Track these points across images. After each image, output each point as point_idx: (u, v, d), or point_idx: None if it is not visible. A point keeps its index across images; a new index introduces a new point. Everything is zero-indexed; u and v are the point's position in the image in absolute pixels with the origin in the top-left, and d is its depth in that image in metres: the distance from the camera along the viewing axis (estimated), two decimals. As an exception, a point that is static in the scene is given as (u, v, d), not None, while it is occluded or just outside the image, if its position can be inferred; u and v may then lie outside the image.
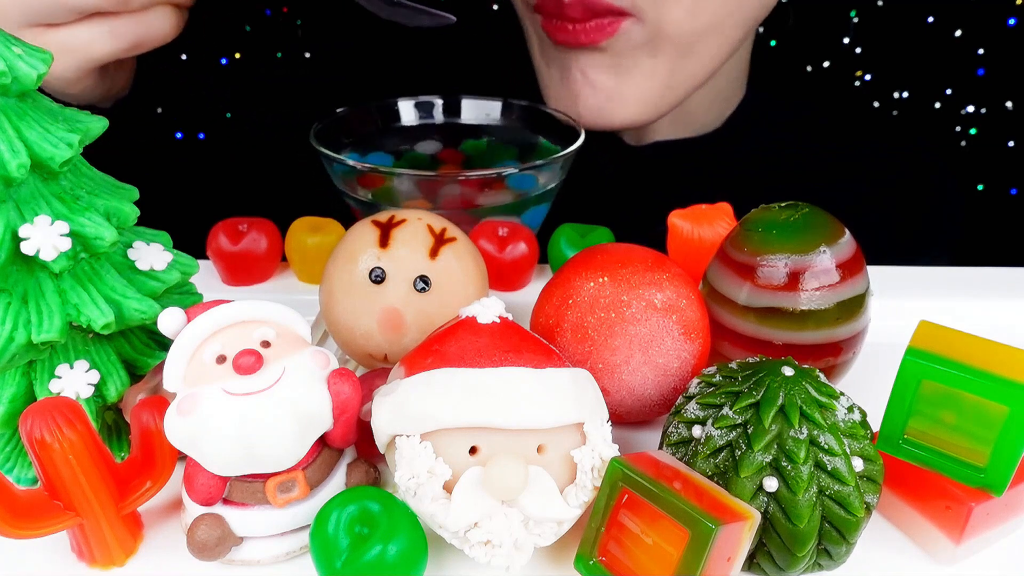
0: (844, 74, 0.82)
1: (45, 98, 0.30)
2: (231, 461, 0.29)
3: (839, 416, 0.29)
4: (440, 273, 0.35)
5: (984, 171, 0.83)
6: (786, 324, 0.35)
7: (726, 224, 0.43)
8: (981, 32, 0.79)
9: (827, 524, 0.28)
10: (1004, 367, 0.29)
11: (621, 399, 0.35)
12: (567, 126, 0.55)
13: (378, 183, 0.50)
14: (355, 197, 0.51)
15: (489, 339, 0.30)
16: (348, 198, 0.52)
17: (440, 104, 0.60)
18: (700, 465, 0.29)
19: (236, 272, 0.47)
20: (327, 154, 0.49)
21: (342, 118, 0.56)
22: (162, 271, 0.33)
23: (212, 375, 0.29)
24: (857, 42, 0.81)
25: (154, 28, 0.46)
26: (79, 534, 0.30)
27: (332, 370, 0.30)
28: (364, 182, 0.51)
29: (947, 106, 0.82)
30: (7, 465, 0.34)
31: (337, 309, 0.35)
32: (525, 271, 0.48)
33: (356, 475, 0.32)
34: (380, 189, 0.50)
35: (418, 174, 0.49)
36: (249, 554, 0.31)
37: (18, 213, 0.29)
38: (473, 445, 0.28)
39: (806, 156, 0.67)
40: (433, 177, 0.49)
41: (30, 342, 0.30)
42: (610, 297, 0.34)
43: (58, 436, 0.27)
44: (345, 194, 0.52)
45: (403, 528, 0.28)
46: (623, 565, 0.28)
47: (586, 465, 0.29)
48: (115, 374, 0.33)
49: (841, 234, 0.36)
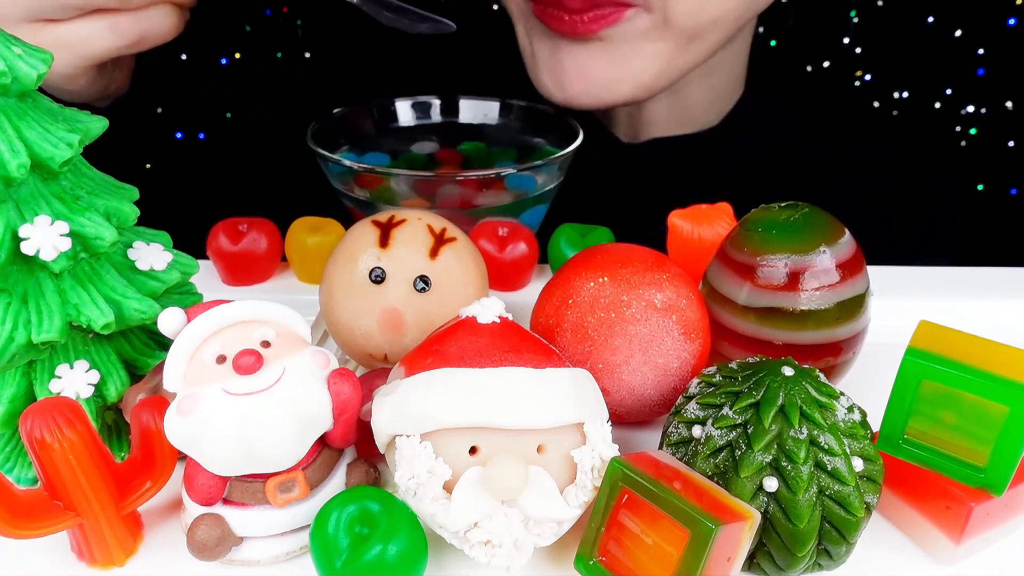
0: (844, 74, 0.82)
1: (45, 98, 0.30)
2: (231, 461, 0.29)
3: (839, 416, 0.29)
4: (440, 273, 0.35)
5: (984, 171, 0.83)
6: (786, 324, 0.35)
7: (726, 224, 0.43)
8: (981, 32, 0.79)
9: (827, 524, 0.28)
10: (1004, 367, 0.29)
11: (621, 399, 0.35)
12: (566, 126, 0.55)
13: (375, 184, 0.50)
14: (353, 197, 0.51)
15: (489, 339, 0.30)
16: (345, 198, 0.52)
17: (438, 104, 0.60)
18: (700, 465, 0.29)
19: (236, 272, 0.47)
20: (324, 155, 0.49)
21: (339, 118, 0.56)
22: (162, 271, 0.33)
23: (212, 375, 0.29)
24: (857, 42, 0.81)
25: (155, 26, 0.46)
26: (79, 534, 0.30)
27: (332, 370, 0.30)
28: (361, 182, 0.51)
29: (947, 106, 0.82)
30: (7, 465, 0.34)
31: (337, 309, 0.35)
32: (525, 271, 0.48)
33: (356, 475, 0.32)
34: (377, 189, 0.50)
35: (414, 174, 0.49)
36: (249, 554, 0.31)
37: (18, 213, 0.29)
38: (473, 445, 0.28)
39: (806, 156, 0.67)
40: (429, 177, 0.49)
41: (30, 342, 0.30)
42: (610, 297, 0.34)
43: (58, 436, 0.27)
44: (343, 194, 0.52)
45: (403, 528, 0.28)
46: (623, 565, 0.28)
47: (586, 465, 0.29)
48: (115, 374, 0.33)
49: (841, 234, 0.36)
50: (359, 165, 0.49)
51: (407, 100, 0.59)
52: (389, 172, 0.49)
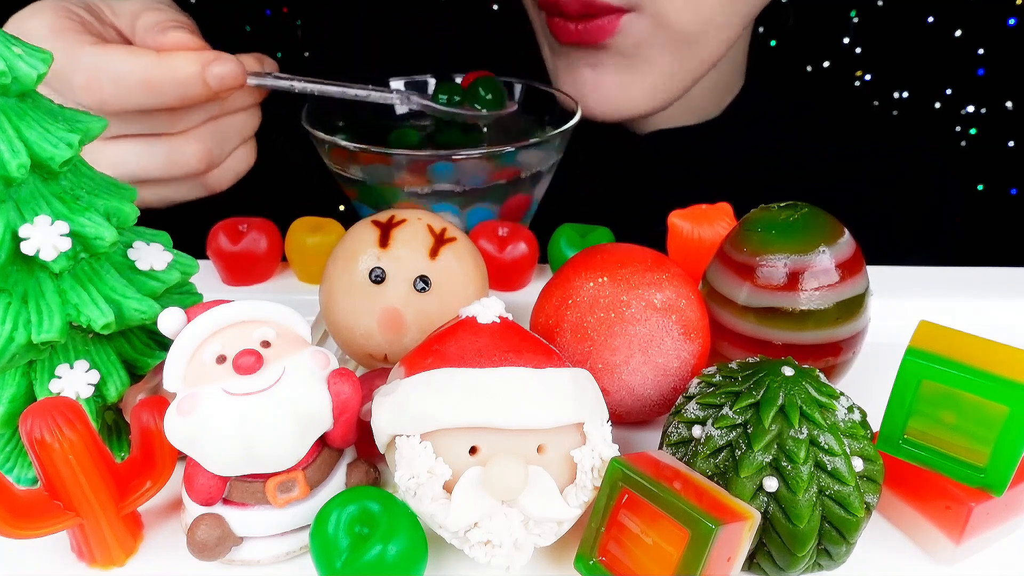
0: (844, 74, 0.82)
1: (45, 98, 0.30)
2: (231, 461, 0.29)
3: (839, 416, 0.29)
4: (440, 273, 0.35)
5: (984, 171, 0.83)
6: (786, 324, 0.35)
7: (726, 224, 0.43)
8: (981, 32, 0.79)
9: (827, 524, 0.28)
10: (1004, 367, 0.29)
11: (621, 399, 0.35)
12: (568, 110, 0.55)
13: (369, 161, 0.50)
14: (347, 176, 0.51)
15: (489, 339, 0.30)
16: (340, 178, 0.52)
17: (433, 84, 0.59)
18: (700, 465, 0.29)
19: (236, 272, 0.47)
20: (317, 135, 0.49)
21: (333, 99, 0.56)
22: (162, 271, 0.33)
23: (212, 375, 0.29)
24: (857, 42, 0.81)
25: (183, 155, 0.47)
26: (79, 534, 0.30)
27: (332, 370, 0.30)
28: (356, 159, 0.50)
29: (947, 106, 0.82)
30: (7, 465, 0.34)
31: (337, 309, 0.35)
32: (525, 271, 0.48)
33: (356, 475, 0.32)
34: (371, 167, 0.50)
35: (409, 154, 0.48)
36: (249, 554, 0.31)
37: (18, 213, 0.29)
38: (473, 445, 0.28)
39: (806, 156, 0.67)
40: (424, 157, 0.48)
41: (30, 342, 0.30)
42: (610, 297, 0.34)
43: (58, 436, 0.27)
44: (338, 175, 0.51)
45: (403, 528, 0.28)
46: (623, 565, 0.28)
47: (586, 465, 0.29)
48: (115, 374, 0.33)
49: (840, 234, 0.36)
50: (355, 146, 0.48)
51: (401, 80, 0.59)
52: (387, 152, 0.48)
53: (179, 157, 0.47)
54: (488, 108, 0.54)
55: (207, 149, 0.48)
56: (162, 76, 0.44)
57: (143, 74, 0.44)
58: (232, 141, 0.51)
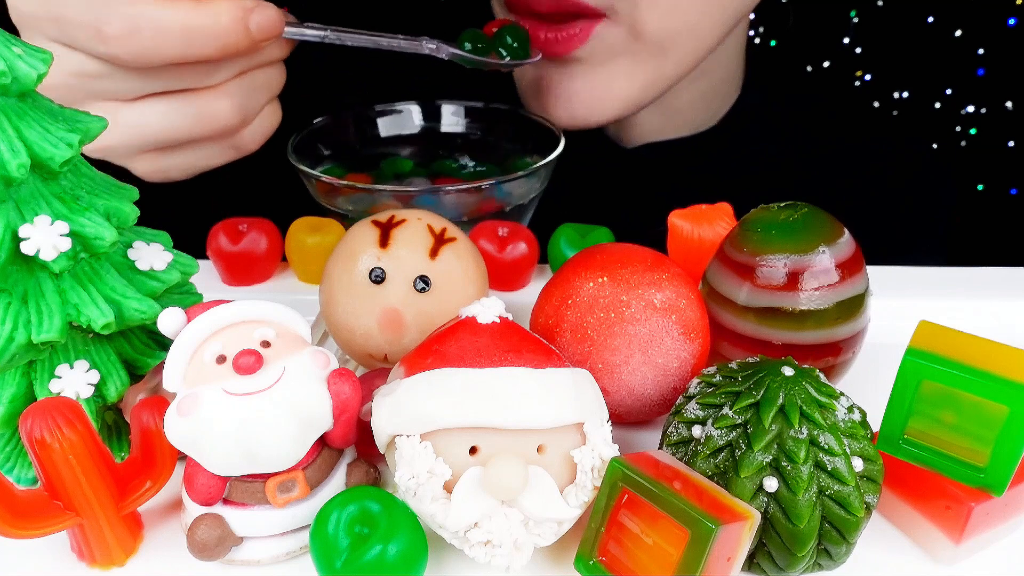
0: (844, 74, 0.82)
1: (45, 98, 0.30)
2: (231, 461, 0.29)
3: (839, 416, 0.29)
4: (440, 273, 0.35)
5: (984, 171, 0.83)
6: (786, 324, 0.35)
7: (726, 224, 0.43)
8: (981, 32, 0.79)
9: (827, 524, 0.28)
10: (1004, 367, 0.29)
11: (621, 399, 0.35)
12: (549, 132, 0.55)
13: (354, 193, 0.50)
14: (333, 209, 0.51)
15: (489, 339, 0.30)
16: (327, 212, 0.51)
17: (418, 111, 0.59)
18: (700, 465, 0.29)
19: (236, 272, 0.47)
20: (304, 170, 0.49)
21: (319, 129, 0.56)
22: (162, 271, 0.33)
23: (212, 375, 0.29)
24: (857, 42, 0.81)
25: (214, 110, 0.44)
26: (79, 534, 0.30)
27: (332, 370, 0.30)
28: (341, 192, 0.50)
29: (947, 106, 0.82)
30: (7, 465, 0.34)
31: (337, 309, 0.35)
32: (525, 271, 0.48)
33: (356, 475, 0.32)
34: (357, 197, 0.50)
35: (395, 189, 0.49)
36: (249, 554, 0.31)
37: (18, 213, 0.29)
38: (473, 445, 0.28)
39: (806, 156, 0.67)
40: (409, 192, 0.48)
41: (30, 342, 0.30)
42: (610, 297, 0.34)
43: (58, 436, 0.27)
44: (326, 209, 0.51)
45: (403, 528, 0.28)
46: (623, 565, 0.28)
47: (586, 465, 0.29)
48: (115, 374, 0.33)
49: (840, 234, 0.36)
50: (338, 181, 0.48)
51: (388, 106, 0.59)
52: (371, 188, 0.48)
53: (211, 113, 0.44)
54: (513, 57, 0.51)
55: (240, 104, 0.45)
56: (203, 24, 0.40)
57: (184, 21, 0.40)
58: (262, 97, 0.47)
